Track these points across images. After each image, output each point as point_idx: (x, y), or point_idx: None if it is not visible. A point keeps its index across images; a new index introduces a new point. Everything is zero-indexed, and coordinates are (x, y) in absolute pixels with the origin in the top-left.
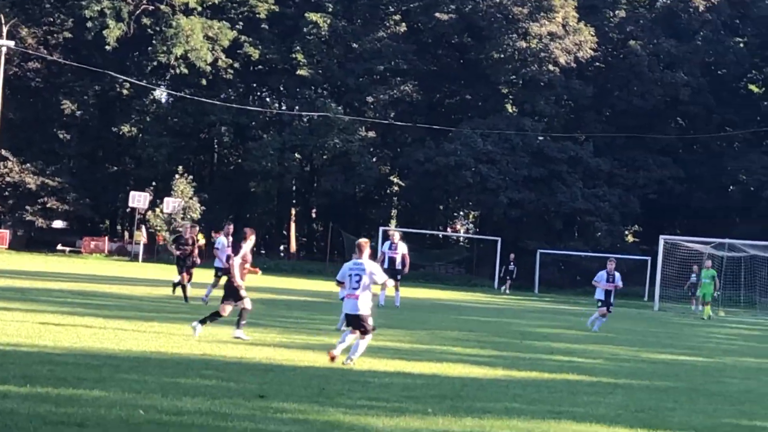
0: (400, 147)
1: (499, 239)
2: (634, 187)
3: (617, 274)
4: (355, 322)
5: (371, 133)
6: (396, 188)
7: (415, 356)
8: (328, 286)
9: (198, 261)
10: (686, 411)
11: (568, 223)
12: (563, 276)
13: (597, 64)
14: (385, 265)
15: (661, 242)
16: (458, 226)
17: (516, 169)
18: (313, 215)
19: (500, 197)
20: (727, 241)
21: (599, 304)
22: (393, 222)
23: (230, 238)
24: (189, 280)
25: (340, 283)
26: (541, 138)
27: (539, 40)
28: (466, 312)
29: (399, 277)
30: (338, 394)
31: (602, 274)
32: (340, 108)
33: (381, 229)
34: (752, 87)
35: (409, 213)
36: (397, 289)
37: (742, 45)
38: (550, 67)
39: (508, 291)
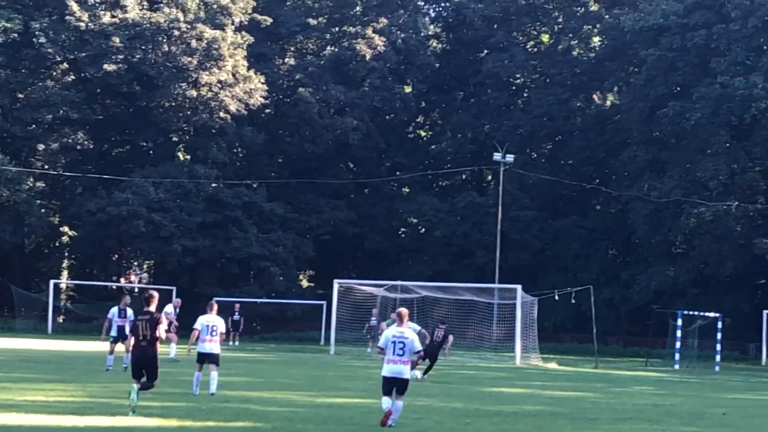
0: (71, 197)
1: (174, 288)
2: (307, 231)
3: None
4: (400, 385)
5: (40, 183)
6: (67, 239)
7: (88, 410)
8: None
9: None
10: None
11: (243, 268)
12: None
13: (268, 110)
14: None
15: (335, 286)
16: (133, 276)
17: (190, 216)
18: None
19: (174, 245)
20: (399, 283)
21: None
22: (65, 274)
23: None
24: None
25: (381, 350)
26: (214, 185)
27: (209, 88)
28: None
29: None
30: None
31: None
32: (7, 158)
33: (52, 282)
34: (420, 132)
35: (82, 264)
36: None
37: (408, 91)
38: (222, 114)
39: (237, 342)
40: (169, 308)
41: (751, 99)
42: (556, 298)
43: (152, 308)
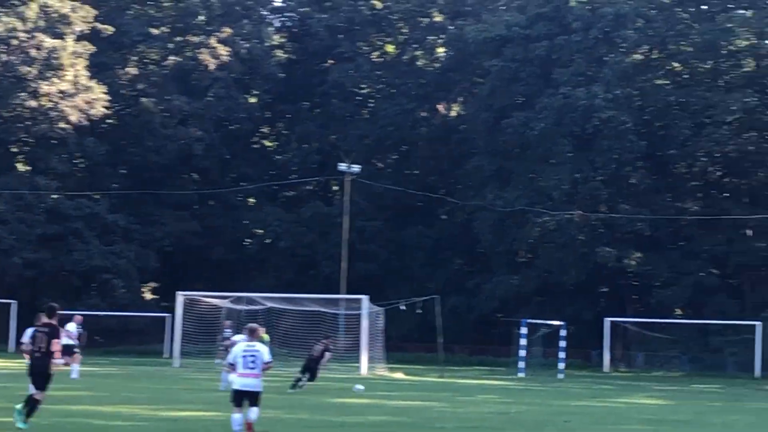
0: None
1: (15, 302)
2: (151, 243)
3: None
4: (252, 397)
5: None
6: None
7: None
8: None
9: None
10: None
11: (85, 281)
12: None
13: (110, 121)
14: None
15: (179, 298)
16: None
17: (30, 228)
18: None
19: (14, 258)
20: (245, 294)
21: None
22: None
23: None
24: None
25: (231, 366)
26: (55, 196)
27: (49, 98)
28: None
29: None
30: None
31: None
32: None
33: None
34: (265, 142)
35: None
36: None
37: (253, 101)
38: (62, 125)
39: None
40: (71, 326)
41: (592, 109)
42: (402, 308)
43: (54, 321)
